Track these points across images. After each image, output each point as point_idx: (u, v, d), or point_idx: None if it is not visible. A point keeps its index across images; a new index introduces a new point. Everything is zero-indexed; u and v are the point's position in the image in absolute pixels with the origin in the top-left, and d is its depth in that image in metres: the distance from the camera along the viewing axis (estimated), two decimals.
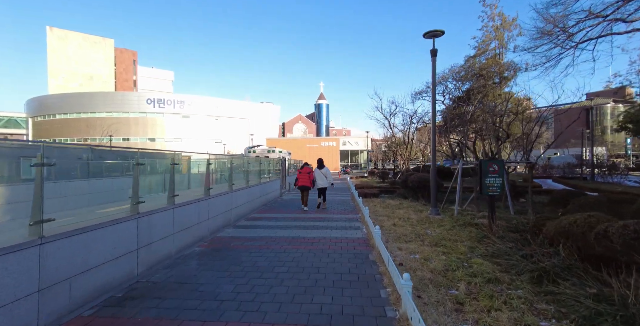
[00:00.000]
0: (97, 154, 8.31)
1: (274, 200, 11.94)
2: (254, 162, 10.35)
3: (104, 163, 8.32)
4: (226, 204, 7.22)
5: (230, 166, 7.56)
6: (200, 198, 5.95)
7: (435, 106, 9.01)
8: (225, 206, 7.19)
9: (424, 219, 7.89)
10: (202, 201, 6.02)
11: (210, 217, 6.31)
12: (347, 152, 52.38)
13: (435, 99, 9.08)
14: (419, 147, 26.25)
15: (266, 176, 11.54)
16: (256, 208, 9.72)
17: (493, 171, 6.39)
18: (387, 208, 9.62)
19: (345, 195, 14.15)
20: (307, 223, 7.55)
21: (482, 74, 16.77)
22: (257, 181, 10.02)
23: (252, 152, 23.65)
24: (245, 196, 8.61)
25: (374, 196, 12.51)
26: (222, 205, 6.99)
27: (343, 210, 9.62)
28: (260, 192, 10.16)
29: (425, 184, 10.74)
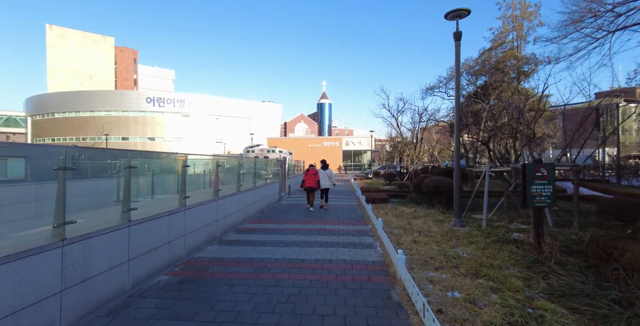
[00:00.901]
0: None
1: (271, 206, 10.66)
2: (248, 163, 9.10)
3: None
4: (210, 215, 5.96)
5: (216, 169, 6.30)
6: (173, 210, 4.69)
7: (459, 98, 7.71)
8: (209, 217, 5.93)
9: (447, 232, 6.59)
10: (176, 214, 4.76)
11: (187, 233, 5.05)
12: (350, 153, 51.08)
13: (460, 91, 7.77)
14: (426, 148, 24.92)
15: (263, 179, 10.28)
16: (250, 216, 8.46)
17: (541, 176, 5.08)
18: (401, 217, 8.32)
19: (351, 199, 12.85)
20: (308, 237, 6.27)
21: (500, 68, 15.43)
22: (251, 185, 8.76)
23: (251, 152, 22.41)
24: (235, 203, 7.35)
25: (383, 201, 11.21)
26: (205, 216, 5.73)
27: (350, 220, 8.33)
28: (255, 197, 8.90)
29: (443, 189, 9.44)
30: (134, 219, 3.78)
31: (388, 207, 10.12)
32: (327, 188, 10.51)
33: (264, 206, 9.90)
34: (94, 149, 10.04)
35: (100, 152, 6.92)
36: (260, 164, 10.26)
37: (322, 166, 10.77)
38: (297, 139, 54.44)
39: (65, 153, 3.08)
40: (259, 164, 10.14)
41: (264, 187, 10.03)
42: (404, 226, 7.17)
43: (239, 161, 7.88)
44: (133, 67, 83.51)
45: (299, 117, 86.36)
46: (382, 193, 12.74)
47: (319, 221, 7.95)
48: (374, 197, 11.33)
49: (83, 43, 73.48)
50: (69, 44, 71.76)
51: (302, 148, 49.14)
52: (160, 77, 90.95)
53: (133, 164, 4.01)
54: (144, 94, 59.79)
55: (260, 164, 10.22)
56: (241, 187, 7.67)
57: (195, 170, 7.77)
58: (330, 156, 46.74)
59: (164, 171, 8.55)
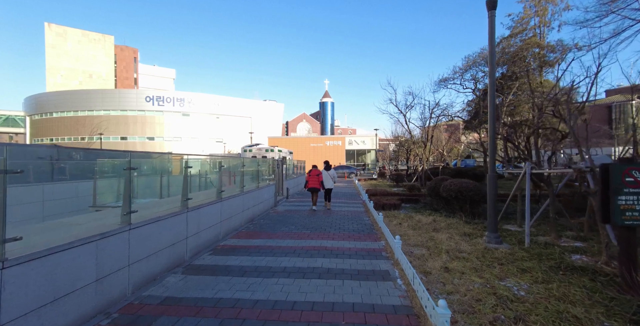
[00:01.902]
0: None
1: (264, 214, 9.22)
2: (235, 164, 7.66)
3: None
4: (175, 232, 4.52)
5: (185, 172, 4.86)
6: (106, 232, 3.24)
7: (493, 81, 6.19)
8: (174, 234, 4.49)
9: (484, 252, 5.09)
10: (113, 237, 3.32)
11: (135, 261, 3.62)
12: (354, 152, 49.54)
13: (494, 75, 6.24)
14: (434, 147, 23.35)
15: (254, 182, 8.82)
16: (235, 228, 7.02)
17: (634, 183, 3.58)
18: (419, 230, 6.83)
19: (356, 204, 11.36)
20: (304, 260, 4.80)
21: (522, 56, 13.86)
22: (237, 190, 7.32)
23: (249, 152, 21.00)
24: (215, 213, 5.91)
25: (394, 207, 9.72)
26: (166, 235, 4.29)
27: (357, 233, 6.84)
28: (243, 205, 7.45)
29: (468, 194, 7.93)
30: (13, 257, 2.33)
31: (401, 215, 8.62)
32: (330, 188, 10.70)
33: (255, 214, 8.45)
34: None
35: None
36: (250, 164, 8.82)
37: (325, 167, 10.91)
38: (299, 139, 52.99)
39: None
40: (250, 165, 8.69)
41: (256, 191, 8.58)
42: (425, 243, 5.68)
43: (222, 161, 6.42)
44: (133, 66, 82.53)
45: (301, 117, 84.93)
46: (392, 197, 11.24)
47: (319, 235, 6.48)
48: (384, 202, 9.84)
49: (82, 42, 72.56)
50: (68, 43, 70.87)
51: (304, 148, 47.68)
52: (160, 76, 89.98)
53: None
54: (143, 92, 58.68)
55: (250, 165, 8.77)
56: (223, 193, 6.22)
57: (161, 173, 6.36)
58: (333, 155, 45.23)
59: (108, 173, 7.17)
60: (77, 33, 72.18)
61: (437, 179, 10.02)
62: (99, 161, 11.68)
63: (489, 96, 6.19)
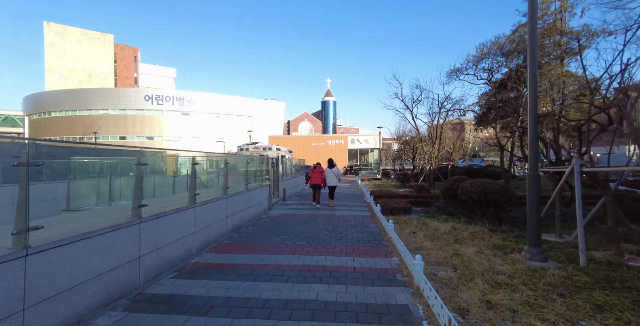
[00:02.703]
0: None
1: (255, 219, 8.03)
2: (217, 162, 6.48)
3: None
4: (116, 254, 3.34)
5: (138, 169, 3.68)
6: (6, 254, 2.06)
7: (535, 68, 4.95)
8: (117, 255, 3.31)
9: (531, 275, 3.87)
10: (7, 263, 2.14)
11: (32, 302, 2.44)
12: (356, 151, 48.30)
13: (536, 60, 4.99)
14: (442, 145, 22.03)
15: (242, 183, 7.63)
16: (216, 238, 5.84)
17: None
18: (437, 241, 5.61)
19: (360, 207, 10.14)
20: (294, 287, 3.60)
21: (542, 45, 12.56)
22: (219, 193, 6.14)
23: (245, 150, 19.83)
24: (185, 222, 4.73)
25: (404, 211, 8.50)
26: (101, 257, 3.11)
27: (364, 244, 5.63)
28: (226, 210, 6.28)
29: (493, 196, 6.69)
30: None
31: (413, 221, 7.39)
32: (334, 185, 10.71)
33: (243, 220, 7.26)
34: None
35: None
36: (238, 163, 7.63)
37: (329, 165, 10.83)
38: (300, 138, 51.83)
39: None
40: (237, 164, 7.51)
41: (244, 194, 7.40)
42: (450, 261, 4.46)
43: (195, 158, 5.23)
44: (133, 65, 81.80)
45: (302, 116, 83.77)
46: (401, 200, 10.01)
47: (316, 248, 5.28)
48: (392, 206, 8.62)
49: (82, 41, 71.86)
50: (67, 42, 70.19)
51: (306, 147, 46.52)
52: (161, 75, 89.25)
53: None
54: (142, 92, 57.80)
55: (238, 163, 7.59)
56: (198, 197, 5.04)
57: (114, 171, 5.21)
58: (335, 155, 44.01)
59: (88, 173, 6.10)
60: (77, 32, 71.49)
61: (452, 179, 8.79)
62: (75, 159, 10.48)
63: (529, 79, 4.96)
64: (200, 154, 6.27)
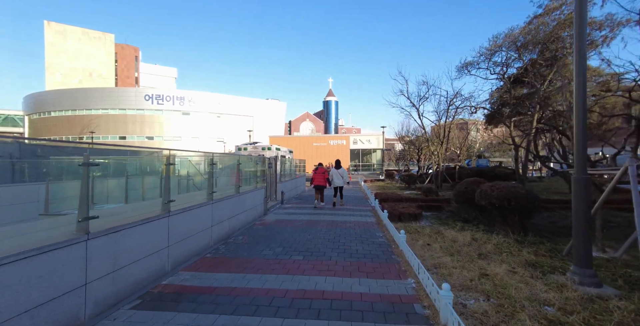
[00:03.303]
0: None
1: (247, 227, 7.20)
2: (199, 162, 5.66)
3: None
4: (49, 282, 2.52)
5: (85, 171, 2.86)
6: None
7: (584, 50, 4.10)
8: (47, 286, 2.49)
9: (591, 309, 3.01)
10: None
11: None
12: (359, 152, 47.40)
13: (584, 43, 4.13)
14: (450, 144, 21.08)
15: (231, 186, 6.80)
16: (196, 251, 5.01)
17: None
18: (457, 255, 4.76)
19: (364, 212, 9.29)
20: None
21: (559, 37, 11.70)
22: (202, 198, 5.32)
23: (243, 150, 19.04)
24: (152, 237, 3.91)
25: (414, 217, 7.65)
26: (18, 291, 2.29)
27: (372, 261, 4.77)
28: (212, 217, 5.46)
29: (519, 202, 5.83)
30: None
31: (426, 230, 6.53)
32: (340, 186, 10.64)
33: (233, 228, 6.44)
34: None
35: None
36: (228, 163, 6.81)
37: (335, 165, 10.84)
38: (301, 138, 51.02)
39: None
40: (227, 164, 6.69)
41: (235, 198, 6.57)
42: (479, 285, 3.61)
43: (170, 157, 4.41)
44: (134, 65, 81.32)
45: (304, 116, 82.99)
46: (409, 204, 9.15)
47: (314, 264, 4.44)
48: (400, 211, 7.77)
49: (82, 40, 71.44)
50: (68, 41, 69.79)
51: (307, 147, 45.72)
52: (162, 75, 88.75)
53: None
54: (142, 91, 57.22)
55: (228, 164, 6.77)
56: (174, 204, 4.22)
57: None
58: (337, 155, 43.15)
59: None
60: (77, 31, 71.10)
61: (466, 182, 7.93)
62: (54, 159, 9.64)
63: (576, 65, 4.11)
64: (183, 154, 5.45)
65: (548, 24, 12.45)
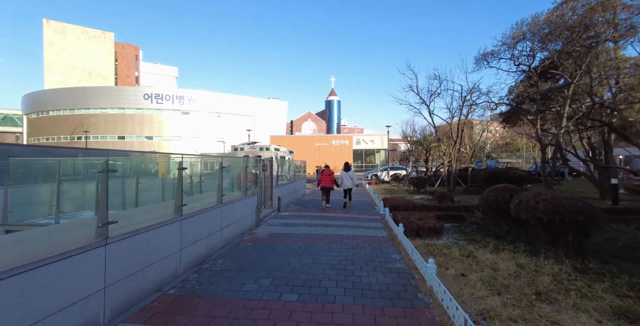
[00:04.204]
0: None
1: (231, 245, 5.94)
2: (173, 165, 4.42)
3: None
4: None
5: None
6: None
7: None
8: None
9: None
10: None
11: None
12: (362, 152, 46.08)
13: None
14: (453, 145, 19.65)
15: (214, 196, 5.55)
16: (156, 286, 3.77)
17: None
18: (506, 294, 3.46)
19: (373, 224, 8.00)
20: None
21: (591, 24, 10.38)
22: (168, 214, 4.08)
23: (240, 151, 17.83)
24: (81, 275, 2.66)
25: (434, 232, 6.36)
26: None
27: (392, 305, 3.49)
28: (181, 238, 4.21)
29: (576, 218, 4.54)
30: None
31: (454, 250, 5.23)
32: (349, 188, 10.68)
33: (213, 248, 5.19)
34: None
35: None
36: (209, 167, 5.56)
37: (344, 168, 10.90)
38: (303, 137, 49.78)
39: None
40: (209, 167, 5.43)
41: (216, 210, 5.32)
42: None
43: (112, 162, 3.17)
44: (135, 64, 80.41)
45: (306, 116, 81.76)
46: (425, 215, 7.83)
47: (314, 311, 3.18)
48: (417, 224, 6.48)
49: (81, 39, 70.59)
50: (67, 40, 68.96)
51: (309, 147, 44.50)
52: (162, 74, 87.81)
53: None
54: (141, 90, 56.21)
55: (209, 167, 5.51)
56: (118, 226, 2.98)
57: None
58: (340, 156, 41.90)
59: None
60: (77, 30, 70.30)
61: (497, 189, 6.64)
62: (13, 160, 8.39)
63: None
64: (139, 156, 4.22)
65: (577, 9, 11.13)
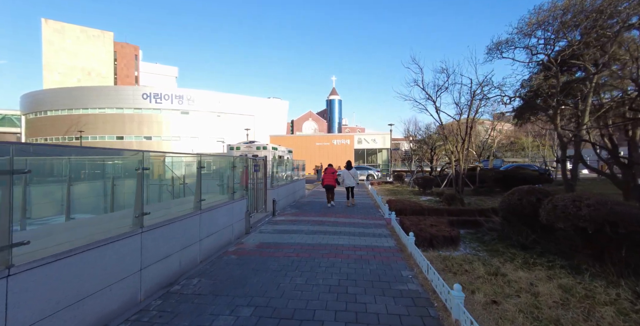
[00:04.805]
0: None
1: (213, 258, 5.08)
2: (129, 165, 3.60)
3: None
4: None
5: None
6: None
7: None
8: None
9: None
10: None
11: None
12: (363, 152, 45.18)
13: None
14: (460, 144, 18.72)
15: (191, 201, 4.71)
16: (107, 318, 2.91)
17: None
18: None
19: (377, 230, 7.12)
20: None
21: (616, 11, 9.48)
22: (124, 226, 3.23)
23: (236, 150, 16.94)
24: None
25: (449, 242, 5.49)
26: None
27: None
28: (142, 256, 3.37)
29: (633, 228, 3.66)
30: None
31: (477, 267, 4.34)
32: (352, 186, 10.91)
33: (188, 264, 4.34)
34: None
35: None
36: (187, 167, 4.71)
37: (346, 166, 11.14)
38: (304, 137, 48.94)
39: None
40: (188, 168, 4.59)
41: (189, 219, 4.48)
42: None
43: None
44: (134, 63, 79.77)
45: (307, 115, 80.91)
46: (437, 221, 6.96)
47: None
48: (430, 231, 5.60)
49: (81, 38, 70.01)
50: (66, 39, 68.40)
51: (310, 147, 43.65)
52: (162, 74, 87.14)
53: None
54: (140, 90, 55.54)
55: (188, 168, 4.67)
56: (29, 248, 2.13)
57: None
58: (341, 155, 41.04)
59: None
60: (75, 29, 69.78)
61: (521, 191, 5.76)
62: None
63: None
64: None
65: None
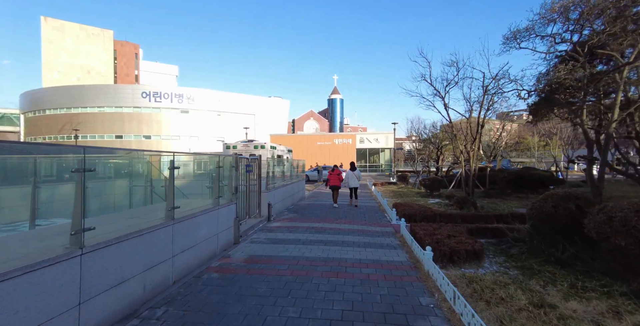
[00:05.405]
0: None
1: (191, 278, 4.21)
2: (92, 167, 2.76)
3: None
4: None
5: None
6: None
7: None
8: None
9: None
10: None
11: None
12: (365, 151, 44.29)
13: None
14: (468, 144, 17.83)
15: (161, 209, 3.87)
16: None
17: None
18: None
19: (385, 240, 6.26)
20: None
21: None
22: (64, 245, 2.38)
23: (232, 149, 16.18)
24: None
25: (473, 256, 4.64)
26: None
27: None
28: (79, 288, 2.54)
29: None
30: None
31: (516, 293, 3.48)
32: (356, 187, 11.03)
33: (157, 287, 3.50)
34: None
35: None
36: (147, 169, 3.89)
37: (350, 167, 11.26)
38: (305, 136, 48.09)
39: None
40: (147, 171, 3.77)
41: (156, 232, 3.64)
42: None
43: None
44: (134, 62, 79.11)
45: (308, 114, 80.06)
46: (454, 229, 6.08)
47: None
48: (450, 246, 4.75)
49: (80, 36, 69.39)
50: (66, 38, 67.79)
51: (311, 146, 42.81)
52: (163, 73, 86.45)
53: None
54: (139, 88, 54.88)
55: (148, 171, 3.84)
56: None
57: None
58: (343, 155, 40.18)
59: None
60: (75, 27, 69.20)
61: (554, 197, 4.89)
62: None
63: None
64: None
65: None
